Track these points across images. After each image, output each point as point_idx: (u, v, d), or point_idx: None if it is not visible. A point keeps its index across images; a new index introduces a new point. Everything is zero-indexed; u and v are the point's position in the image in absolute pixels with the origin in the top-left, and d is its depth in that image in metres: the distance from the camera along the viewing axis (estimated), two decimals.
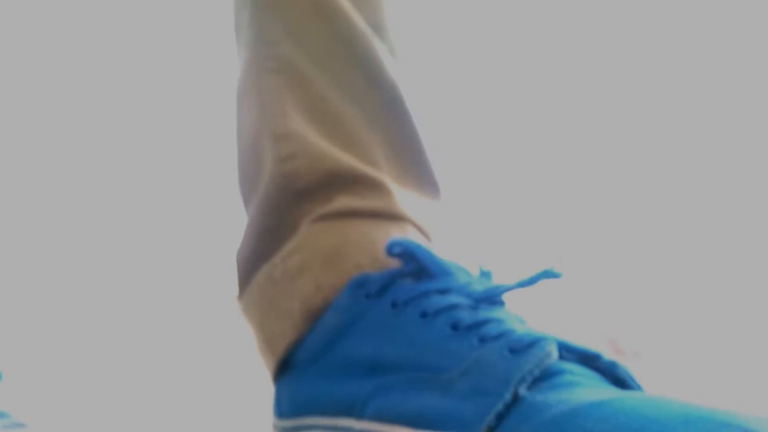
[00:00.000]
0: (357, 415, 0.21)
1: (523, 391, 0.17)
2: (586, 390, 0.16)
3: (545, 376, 0.17)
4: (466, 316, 0.20)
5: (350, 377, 0.22)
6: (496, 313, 0.21)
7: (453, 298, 0.21)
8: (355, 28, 0.27)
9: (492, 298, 0.21)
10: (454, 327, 0.20)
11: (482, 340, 0.19)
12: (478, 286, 0.22)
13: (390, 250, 0.23)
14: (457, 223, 0.28)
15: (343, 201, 0.26)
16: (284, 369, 0.25)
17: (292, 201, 0.26)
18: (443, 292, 0.22)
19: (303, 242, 0.26)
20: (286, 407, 0.25)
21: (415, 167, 0.27)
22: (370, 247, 0.25)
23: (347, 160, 0.26)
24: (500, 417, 0.16)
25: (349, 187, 0.26)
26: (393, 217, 0.26)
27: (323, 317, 0.24)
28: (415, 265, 0.23)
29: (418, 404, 0.19)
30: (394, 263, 0.23)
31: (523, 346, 0.18)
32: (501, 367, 0.18)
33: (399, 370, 0.21)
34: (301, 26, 0.27)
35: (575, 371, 0.18)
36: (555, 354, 0.18)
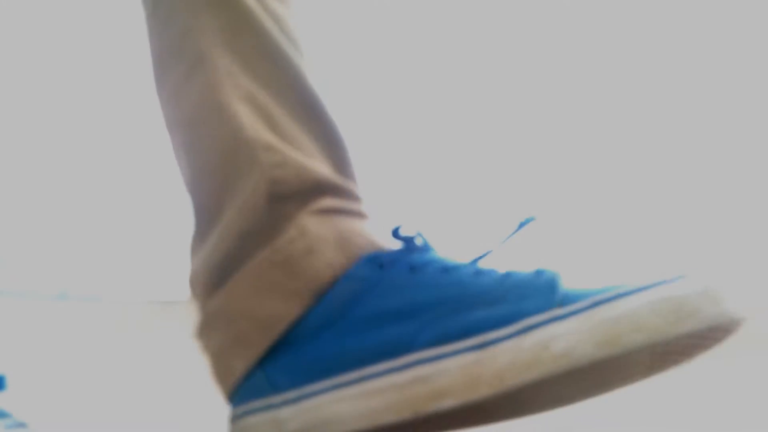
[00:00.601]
0: (402, 351, 0.24)
1: (565, 288, 0.23)
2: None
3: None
4: (480, 265, 0.26)
5: (381, 327, 0.25)
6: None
7: (460, 260, 0.26)
8: (298, 69, 0.32)
9: (481, 258, 0.27)
10: (476, 272, 0.25)
11: (506, 274, 0.25)
12: (468, 256, 0.27)
13: (395, 232, 0.28)
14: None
15: (329, 202, 0.29)
16: (277, 348, 0.27)
17: (278, 203, 0.29)
18: (449, 258, 0.27)
19: (306, 230, 0.28)
20: (284, 380, 0.27)
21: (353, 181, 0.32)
22: (366, 235, 0.29)
23: (326, 171, 0.30)
24: (561, 301, 0.22)
25: (331, 192, 0.30)
26: (365, 216, 0.30)
27: (336, 286, 0.27)
28: (417, 245, 0.28)
29: (476, 317, 0.23)
30: (389, 246, 0.28)
31: (541, 271, 0.24)
32: (541, 279, 0.24)
33: (439, 306, 0.24)
34: (251, 64, 0.32)
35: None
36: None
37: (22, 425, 0.40)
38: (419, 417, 0.23)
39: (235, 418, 0.29)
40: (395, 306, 0.25)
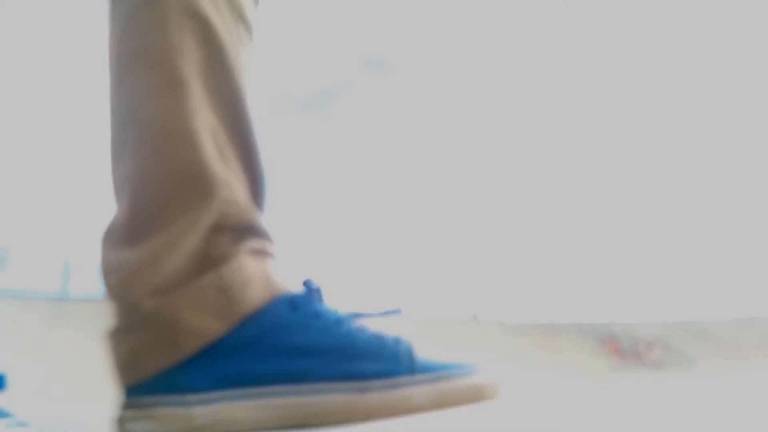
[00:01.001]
0: (305, 380, 0.33)
1: (417, 356, 0.35)
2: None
3: None
4: (355, 323, 0.36)
5: (289, 358, 0.34)
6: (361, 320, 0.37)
7: (343, 313, 0.37)
8: (248, 113, 0.38)
9: (357, 317, 0.37)
10: (359, 328, 0.36)
11: (378, 335, 0.36)
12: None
13: (307, 283, 0.37)
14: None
15: (257, 244, 0.36)
16: (199, 355, 0.33)
17: (218, 233, 0.35)
18: (336, 310, 0.37)
19: (244, 266, 0.35)
20: (202, 383, 0.33)
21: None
22: (280, 276, 0.37)
23: (257, 217, 0.37)
24: (418, 369, 0.34)
25: (258, 234, 0.37)
26: (275, 257, 0.38)
27: (258, 316, 0.34)
28: (319, 295, 0.37)
29: (362, 368, 0.34)
30: (294, 288, 0.37)
31: (399, 339, 0.36)
32: (403, 346, 0.35)
33: (336, 351, 0.34)
34: (216, 101, 0.37)
35: None
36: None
37: (23, 425, 0.40)
38: (301, 426, 0.33)
39: (142, 405, 0.33)
40: (302, 343, 0.34)
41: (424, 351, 0.37)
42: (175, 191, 0.35)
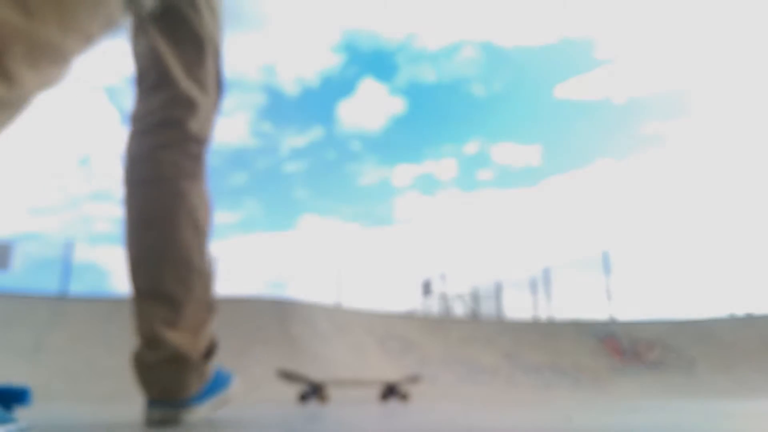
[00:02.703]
0: (217, 394, 1.05)
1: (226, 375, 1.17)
2: None
3: None
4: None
5: (215, 387, 1.03)
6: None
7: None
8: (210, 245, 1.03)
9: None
10: (215, 367, 1.05)
11: (219, 371, 1.07)
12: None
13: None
14: None
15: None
16: (200, 391, 1.00)
17: (212, 331, 1.02)
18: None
19: (209, 366, 1.01)
20: (200, 400, 0.96)
21: None
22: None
23: None
24: (227, 384, 1.14)
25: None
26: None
27: (212, 382, 1.03)
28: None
29: (218, 387, 1.04)
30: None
31: (222, 369, 1.10)
32: (225, 375, 1.08)
33: (218, 383, 1.04)
34: (209, 245, 0.98)
35: None
36: None
37: (24, 430, 0.39)
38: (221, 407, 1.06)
39: (187, 407, 0.93)
40: (215, 383, 1.01)
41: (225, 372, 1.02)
42: (204, 310, 0.90)
